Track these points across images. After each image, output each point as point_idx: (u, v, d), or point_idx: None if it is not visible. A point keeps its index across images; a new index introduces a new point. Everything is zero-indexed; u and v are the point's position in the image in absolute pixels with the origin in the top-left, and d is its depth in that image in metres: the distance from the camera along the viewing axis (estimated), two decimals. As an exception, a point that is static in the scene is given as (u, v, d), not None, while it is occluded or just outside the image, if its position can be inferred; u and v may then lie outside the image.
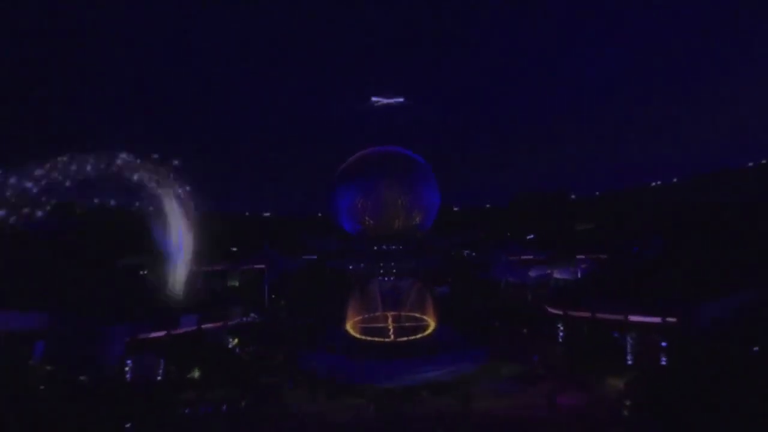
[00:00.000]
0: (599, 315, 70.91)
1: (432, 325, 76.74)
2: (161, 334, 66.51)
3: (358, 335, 74.34)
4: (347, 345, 71.32)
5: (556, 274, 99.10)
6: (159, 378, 62.82)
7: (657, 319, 65.32)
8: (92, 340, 58.99)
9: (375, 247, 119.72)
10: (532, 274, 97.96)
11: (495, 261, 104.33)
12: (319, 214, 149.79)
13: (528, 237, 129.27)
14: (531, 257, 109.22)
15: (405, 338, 72.18)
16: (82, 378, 55.66)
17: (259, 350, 74.47)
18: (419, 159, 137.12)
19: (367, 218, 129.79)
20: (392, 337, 73.28)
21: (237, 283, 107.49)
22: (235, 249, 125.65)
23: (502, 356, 71.94)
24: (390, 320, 79.74)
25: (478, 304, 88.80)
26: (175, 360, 64.53)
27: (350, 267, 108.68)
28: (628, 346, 67.68)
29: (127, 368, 60.95)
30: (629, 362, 67.28)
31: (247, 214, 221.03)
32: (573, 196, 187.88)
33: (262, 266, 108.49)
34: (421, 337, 72.56)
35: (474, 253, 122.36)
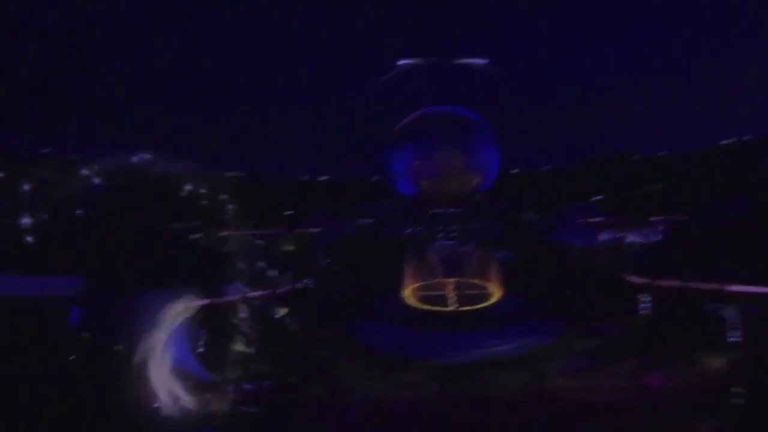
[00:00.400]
0: (691, 284, 60.47)
1: (497, 293, 68.25)
2: (204, 303, 59.83)
3: (416, 304, 66.42)
4: (405, 315, 63.55)
5: (630, 238, 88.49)
6: (199, 351, 55.85)
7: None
8: (128, 307, 52.16)
9: (432, 211, 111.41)
10: (603, 237, 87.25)
11: (562, 224, 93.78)
12: (376, 178, 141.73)
13: (594, 198, 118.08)
14: (601, 219, 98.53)
15: (468, 307, 64.02)
16: (117, 347, 49.00)
17: (311, 321, 65.99)
18: (477, 118, 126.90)
19: (422, 180, 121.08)
20: (454, 306, 65.04)
21: (291, 248, 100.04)
22: (290, 212, 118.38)
23: (578, 329, 62.95)
24: (451, 288, 71.46)
25: (545, 271, 78.98)
26: (217, 332, 56.97)
27: (407, 231, 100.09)
28: (728, 321, 57.44)
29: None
30: (731, 339, 56.91)
31: (306, 177, 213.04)
32: (636, 157, 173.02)
33: (317, 230, 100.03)
34: (485, 307, 64.25)
35: (538, 216, 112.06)
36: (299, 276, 79.15)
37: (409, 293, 69.69)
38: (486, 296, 67.61)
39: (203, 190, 79.08)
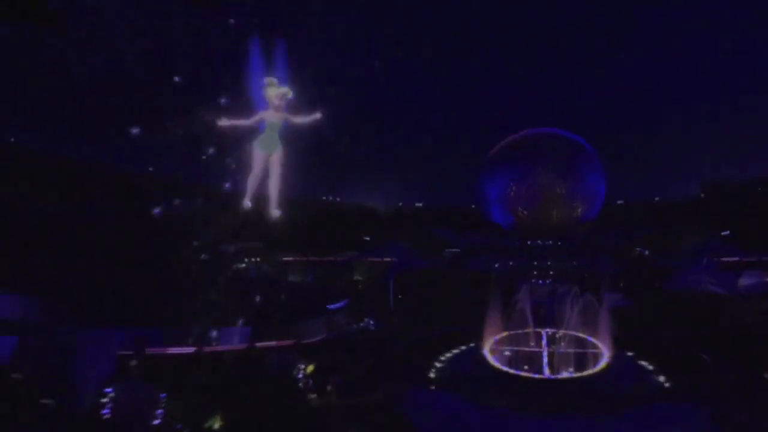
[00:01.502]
0: None
1: (608, 354, 47.94)
2: (182, 351, 43.26)
3: (496, 364, 47.16)
4: (479, 379, 44.75)
5: None
6: (154, 423, 35.03)
7: None
8: (69, 345, 35.16)
9: (528, 242, 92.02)
10: (744, 282, 64.02)
11: (691, 263, 71.21)
12: (473, 206, 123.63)
13: (722, 233, 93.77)
14: (736, 259, 74.67)
15: (568, 374, 44.46)
16: (45, 401, 32.02)
17: (350, 381, 45.09)
18: (581, 141, 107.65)
19: (519, 209, 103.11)
20: (549, 370, 45.55)
21: (362, 277, 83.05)
22: (368, 238, 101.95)
23: (734, 422, 41.04)
24: (545, 342, 52.07)
25: (676, 326, 56.99)
26: (191, 395, 38.63)
27: (495, 266, 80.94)
28: None
29: (105, 399, 34.94)
30: None
31: (400, 204, 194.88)
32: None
33: (392, 260, 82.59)
34: (593, 374, 44.26)
35: (656, 253, 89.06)
36: (363, 313, 61.89)
37: (489, 347, 50.79)
38: (593, 358, 47.64)
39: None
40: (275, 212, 37.64)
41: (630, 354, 50.74)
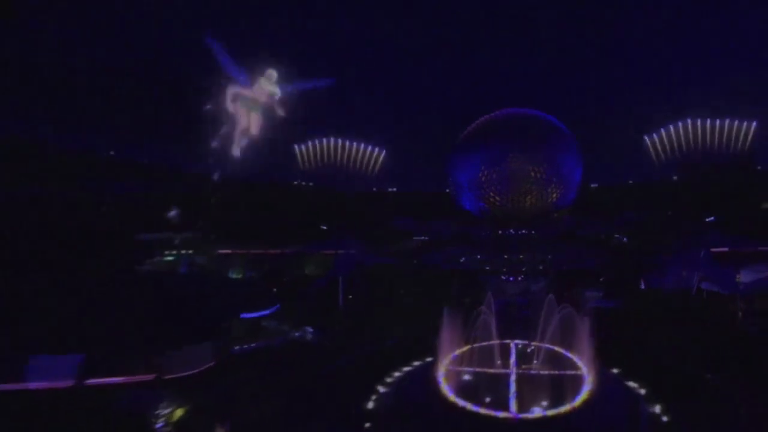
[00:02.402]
0: None
1: (588, 376, 36.59)
2: None
3: (450, 395, 35.31)
4: (426, 420, 33.31)
5: None
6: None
7: None
8: None
9: (499, 232, 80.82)
10: (745, 279, 52.05)
11: (686, 256, 59.35)
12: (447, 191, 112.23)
13: (707, 219, 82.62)
14: (725, 250, 62.41)
15: (540, 412, 32.87)
16: None
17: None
18: (556, 123, 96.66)
19: (491, 194, 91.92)
20: (516, 405, 33.84)
21: (313, 272, 70.79)
22: (325, 227, 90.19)
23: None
24: (513, 360, 40.77)
25: (676, 335, 45.21)
26: None
27: (461, 260, 69.51)
28: None
29: None
30: None
31: (374, 189, 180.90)
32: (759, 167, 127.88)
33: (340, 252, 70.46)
34: (571, 410, 32.77)
35: (643, 243, 77.12)
36: (297, 320, 50.55)
37: (445, 367, 39.46)
38: (572, 383, 36.29)
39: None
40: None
41: (616, 372, 39.86)
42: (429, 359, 42.58)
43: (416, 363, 43.70)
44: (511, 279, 60.44)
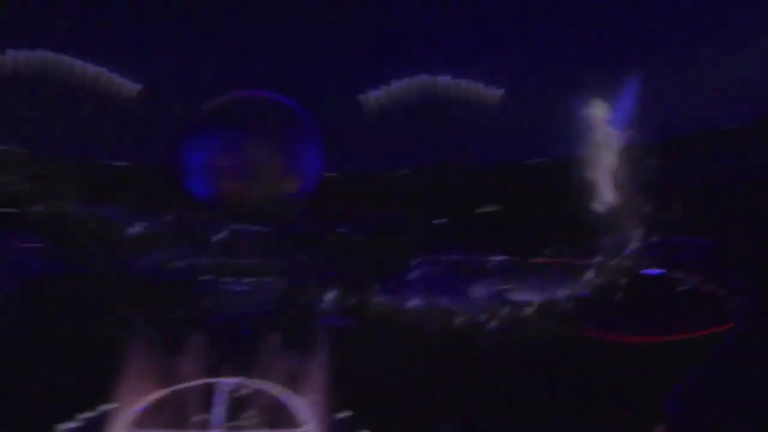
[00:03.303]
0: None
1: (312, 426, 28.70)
2: None
3: None
4: None
5: (517, 294, 49.13)
6: None
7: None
8: None
9: (230, 227, 70.45)
10: (479, 293, 48.50)
11: (423, 265, 54.07)
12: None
13: (436, 221, 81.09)
14: (459, 259, 58.98)
15: None
16: None
17: None
18: (297, 107, 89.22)
19: (224, 180, 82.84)
20: None
21: None
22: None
23: None
24: (219, 413, 31.07)
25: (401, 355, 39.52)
26: None
27: (176, 264, 56.95)
28: None
29: None
30: None
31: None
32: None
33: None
34: None
35: (384, 246, 71.15)
36: None
37: (123, 427, 28.27)
38: None
39: None
40: None
41: (352, 416, 32.72)
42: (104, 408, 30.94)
43: (92, 414, 31.70)
44: (237, 289, 50.18)
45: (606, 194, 61.51)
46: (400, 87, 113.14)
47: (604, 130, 60.34)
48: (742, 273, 40.85)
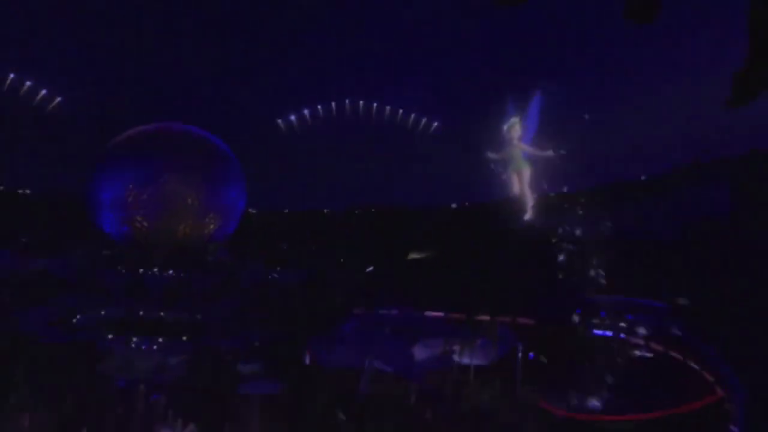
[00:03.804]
0: None
1: None
2: None
3: None
4: None
5: (462, 356, 43.11)
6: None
7: None
8: None
9: (139, 272, 62.84)
10: (421, 354, 42.69)
11: (356, 322, 48.16)
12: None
13: (369, 269, 75.85)
14: (398, 314, 53.07)
15: None
16: None
17: None
18: (220, 143, 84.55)
19: (138, 218, 75.87)
20: None
21: None
22: None
23: None
24: None
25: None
26: None
27: (73, 320, 48.72)
28: None
29: None
30: None
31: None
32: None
33: None
34: None
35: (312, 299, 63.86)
36: None
37: None
38: None
39: None
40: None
41: None
42: None
43: None
44: (144, 347, 42.95)
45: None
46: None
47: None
48: (708, 338, 38.49)
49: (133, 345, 41.21)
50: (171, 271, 62.58)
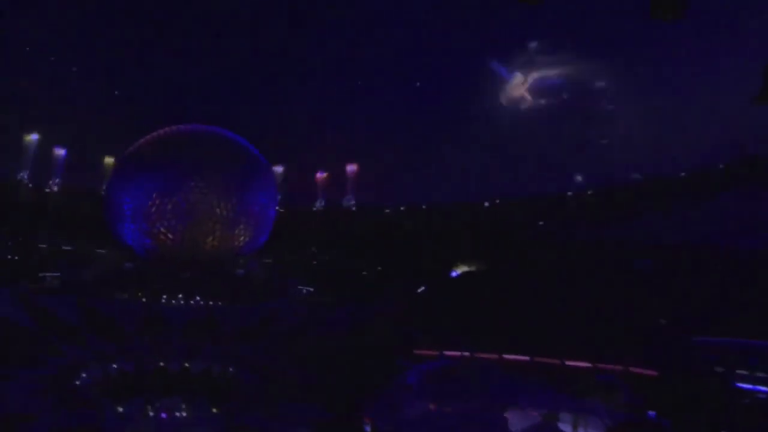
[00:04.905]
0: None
1: None
2: None
3: None
4: None
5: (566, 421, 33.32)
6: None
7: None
8: None
9: (161, 300, 53.79)
10: (514, 417, 32.25)
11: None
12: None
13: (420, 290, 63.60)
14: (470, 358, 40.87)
15: None
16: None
17: None
18: (250, 148, 76.70)
19: (162, 230, 66.33)
20: None
21: None
22: None
23: None
24: None
25: None
26: None
27: (83, 377, 38.98)
28: None
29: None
30: None
31: None
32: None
33: None
34: None
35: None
36: None
37: None
38: None
39: None
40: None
41: None
42: None
43: None
44: (164, 416, 32.93)
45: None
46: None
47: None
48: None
49: (154, 411, 30.89)
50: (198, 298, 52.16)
